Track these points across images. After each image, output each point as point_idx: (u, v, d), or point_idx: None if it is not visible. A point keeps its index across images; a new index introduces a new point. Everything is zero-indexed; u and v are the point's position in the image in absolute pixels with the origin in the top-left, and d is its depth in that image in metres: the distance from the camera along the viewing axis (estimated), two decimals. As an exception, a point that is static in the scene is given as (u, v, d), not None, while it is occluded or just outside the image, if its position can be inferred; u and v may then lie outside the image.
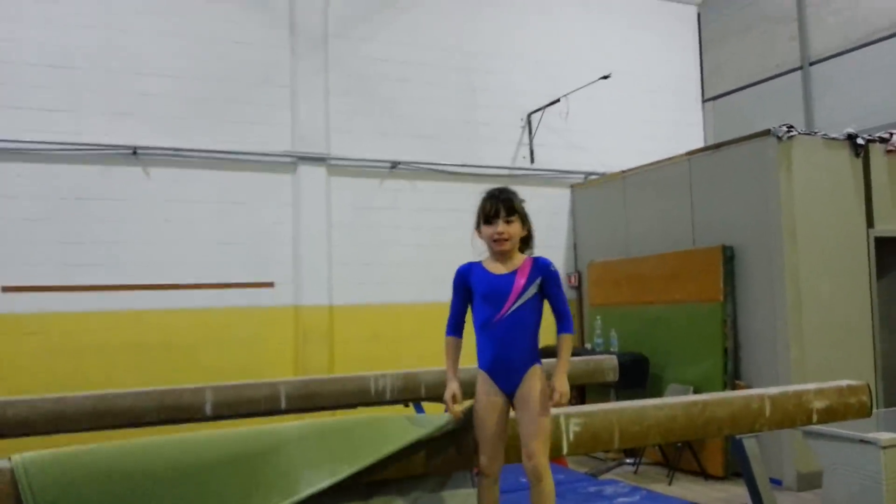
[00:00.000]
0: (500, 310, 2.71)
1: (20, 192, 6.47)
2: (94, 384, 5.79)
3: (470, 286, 2.82)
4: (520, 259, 2.79)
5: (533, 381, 2.67)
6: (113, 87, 6.82)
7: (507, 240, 2.75)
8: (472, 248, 2.90)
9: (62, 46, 6.67)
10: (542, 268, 2.77)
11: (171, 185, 6.99)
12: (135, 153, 6.82)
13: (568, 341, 2.74)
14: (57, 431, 4.01)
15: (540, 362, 2.75)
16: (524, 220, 2.81)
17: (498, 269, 2.78)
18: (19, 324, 6.35)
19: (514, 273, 2.74)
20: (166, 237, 6.92)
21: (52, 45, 6.64)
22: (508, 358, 2.70)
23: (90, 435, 3.88)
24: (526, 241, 2.85)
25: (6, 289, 6.34)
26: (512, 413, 2.76)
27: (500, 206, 2.76)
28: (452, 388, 2.76)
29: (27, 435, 3.87)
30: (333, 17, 7.74)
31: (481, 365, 2.78)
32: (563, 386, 2.65)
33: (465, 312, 2.87)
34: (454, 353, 2.86)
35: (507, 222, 2.75)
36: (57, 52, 6.65)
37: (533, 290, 2.73)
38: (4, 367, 6.22)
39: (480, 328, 2.77)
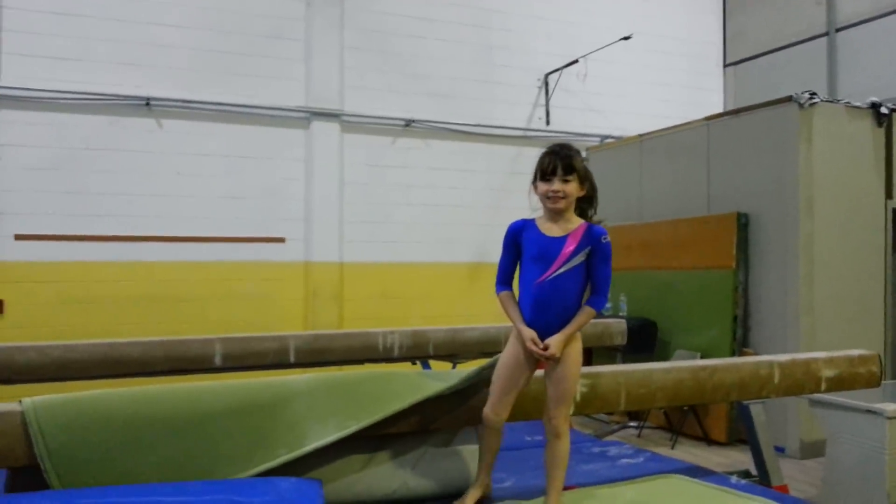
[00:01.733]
0: (544, 272, 2.63)
1: (30, 140, 6.47)
2: (103, 334, 5.87)
3: (520, 244, 2.72)
4: (575, 223, 2.66)
5: (570, 346, 2.61)
6: (124, 37, 6.76)
7: (562, 198, 2.62)
8: (529, 203, 2.79)
9: (72, -7, 6.61)
10: (593, 237, 2.63)
11: (182, 138, 6.96)
12: (147, 104, 6.78)
13: (588, 314, 2.62)
14: (66, 378, 4.05)
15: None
16: (584, 179, 2.65)
17: (551, 230, 2.66)
18: (31, 272, 6.40)
19: (565, 237, 2.64)
20: (177, 190, 6.91)
21: (61, -7, 6.58)
22: (545, 321, 2.63)
23: (99, 383, 3.92)
24: (587, 203, 2.71)
25: (18, 237, 6.38)
26: (539, 372, 2.74)
27: (558, 163, 2.62)
28: (529, 332, 2.63)
29: (37, 381, 3.91)
30: (350, -30, 7.62)
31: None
32: (555, 346, 2.58)
33: (514, 270, 2.77)
34: (513, 303, 2.74)
35: (565, 181, 2.61)
36: (66, 0, 6.58)
37: (580, 258, 2.62)
38: (17, 315, 6.30)
39: (523, 285, 2.71)
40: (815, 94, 6.01)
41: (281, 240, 7.25)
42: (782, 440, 5.80)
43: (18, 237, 6.37)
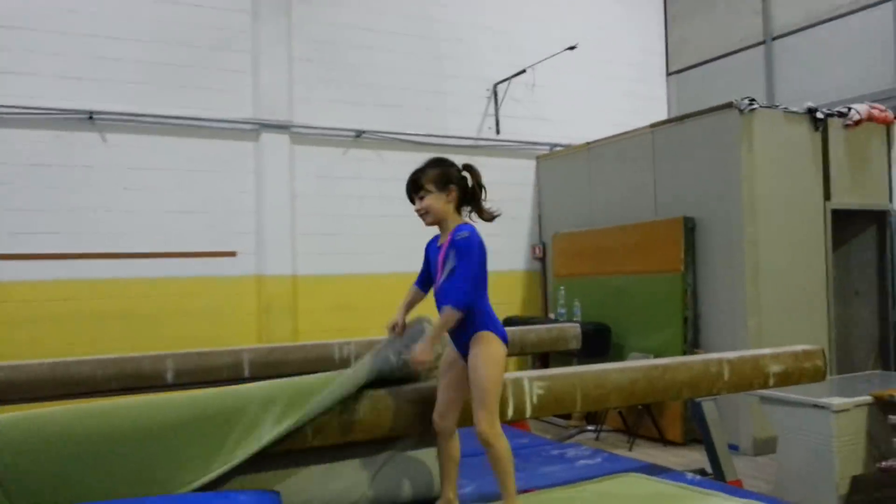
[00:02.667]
0: (436, 281, 2.73)
1: (-29, 156, 6.27)
2: (53, 355, 5.63)
3: (427, 256, 2.83)
4: (452, 229, 2.70)
5: (476, 347, 2.60)
6: (68, 51, 6.60)
7: (426, 213, 2.72)
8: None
9: (14, 8, 6.42)
10: (452, 237, 2.66)
11: (129, 152, 6.82)
12: (91, 118, 6.63)
13: (446, 314, 2.59)
14: (12, 401, 3.93)
15: (489, 328, 2.63)
16: (442, 184, 2.68)
17: (441, 239, 2.75)
18: (-28, 293, 6.18)
19: (441, 246, 2.72)
20: (125, 205, 6.77)
21: (3, 6, 6.39)
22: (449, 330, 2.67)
23: (47, 404, 3.80)
24: (469, 202, 2.73)
25: (-43, 257, 6.16)
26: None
27: (409, 186, 2.74)
28: (394, 317, 2.82)
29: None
30: (297, -18, 7.59)
31: None
32: (419, 353, 2.61)
33: (426, 278, 2.86)
34: (410, 296, 2.88)
35: (420, 198, 2.71)
36: (9, 13, 6.40)
37: (451, 262, 2.64)
38: (-43, 337, 6.07)
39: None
40: (754, 100, 6.21)
41: (232, 254, 7.15)
42: (735, 438, 5.93)
43: (-43, 257, 6.16)
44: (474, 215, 2.79)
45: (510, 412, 2.96)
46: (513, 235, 8.51)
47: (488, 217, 2.76)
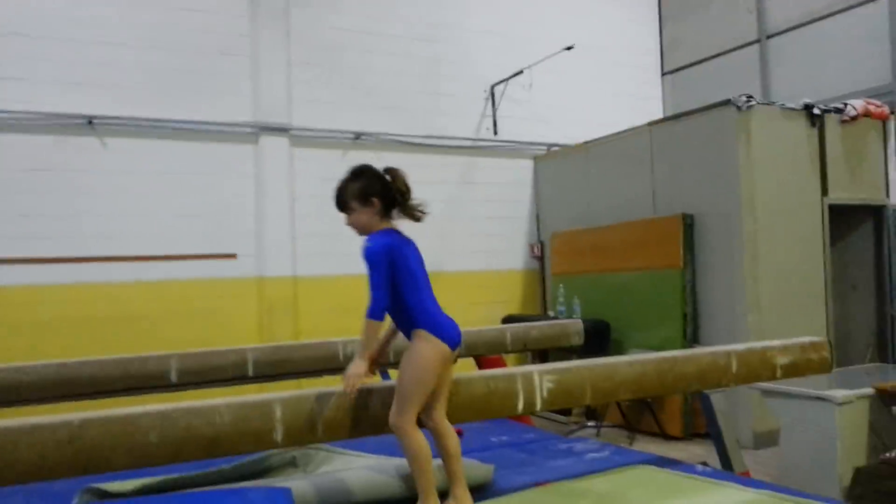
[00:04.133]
0: None
1: (-29, 161, 6.26)
2: (55, 358, 5.65)
3: None
4: None
5: (410, 345, 2.68)
6: (67, 56, 6.61)
7: (355, 229, 2.81)
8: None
9: (14, 14, 6.43)
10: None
11: (128, 157, 6.82)
12: (90, 123, 6.63)
13: (363, 325, 2.65)
14: (17, 402, 3.91)
15: (424, 327, 2.66)
16: (362, 199, 2.74)
17: None
18: (-28, 298, 6.16)
19: None
20: (125, 209, 6.76)
21: (2, 12, 6.39)
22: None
23: (52, 406, 3.80)
24: (389, 205, 2.77)
25: (-42, 262, 6.14)
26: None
27: (336, 204, 2.80)
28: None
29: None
30: (294, -15, 7.60)
31: None
32: (352, 369, 2.63)
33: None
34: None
35: (346, 216, 2.80)
36: (8, 19, 6.40)
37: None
38: (-42, 343, 6.04)
39: None
40: (751, 97, 6.25)
41: (233, 256, 7.15)
42: (736, 432, 5.95)
43: (-43, 262, 6.14)
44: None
45: (520, 406, 2.96)
46: (511, 235, 8.53)
47: (415, 216, 2.78)
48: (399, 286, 2.69)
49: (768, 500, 2.62)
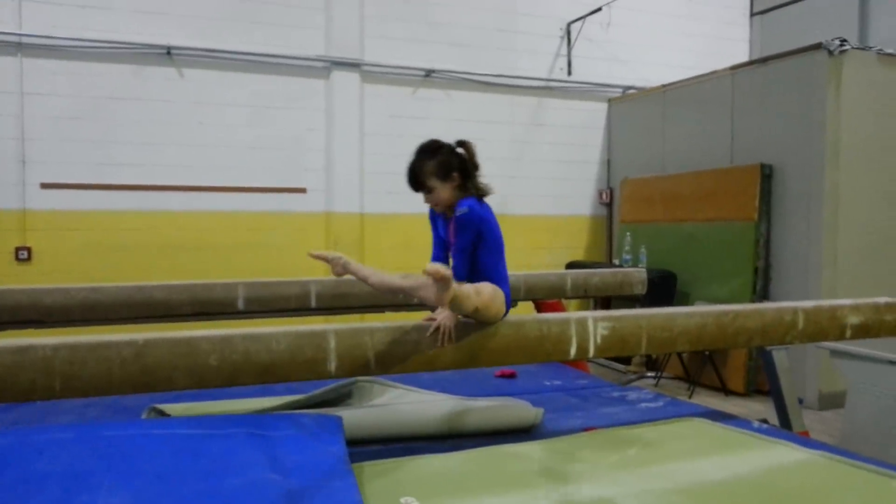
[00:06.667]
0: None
1: (54, 89, 6.48)
2: (129, 281, 5.93)
3: (436, 225, 2.95)
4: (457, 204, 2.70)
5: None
6: (147, -15, 6.71)
7: (437, 204, 2.75)
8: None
9: (94, -60, 6.54)
10: (455, 214, 2.67)
11: (204, 87, 6.95)
12: (168, 53, 6.76)
13: (453, 285, 2.42)
14: (92, 321, 4.11)
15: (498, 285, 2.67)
16: (443, 175, 2.67)
17: (448, 213, 2.77)
18: (57, 220, 6.48)
19: (451, 219, 2.73)
20: (200, 140, 6.92)
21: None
22: None
23: (125, 326, 3.99)
24: (466, 180, 2.70)
25: (44, 185, 6.44)
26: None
27: (410, 185, 2.74)
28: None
29: (63, 324, 3.97)
30: (370, -85, 7.46)
31: None
32: (446, 320, 2.59)
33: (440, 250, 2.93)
34: None
35: (428, 194, 2.73)
36: (89, -55, 6.53)
37: (455, 236, 2.69)
38: (44, 262, 6.40)
39: None
40: (845, 40, 5.87)
41: (302, 190, 7.27)
42: (801, 391, 5.79)
43: (44, 185, 6.44)
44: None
45: (573, 351, 2.93)
46: (579, 180, 8.37)
47: (484, 192, 2.74)
48: (481, 254, 2.70)
49: (821, 461, 2.55)
